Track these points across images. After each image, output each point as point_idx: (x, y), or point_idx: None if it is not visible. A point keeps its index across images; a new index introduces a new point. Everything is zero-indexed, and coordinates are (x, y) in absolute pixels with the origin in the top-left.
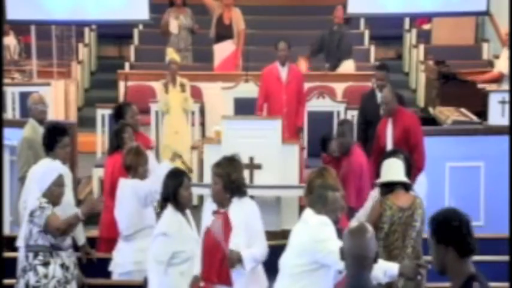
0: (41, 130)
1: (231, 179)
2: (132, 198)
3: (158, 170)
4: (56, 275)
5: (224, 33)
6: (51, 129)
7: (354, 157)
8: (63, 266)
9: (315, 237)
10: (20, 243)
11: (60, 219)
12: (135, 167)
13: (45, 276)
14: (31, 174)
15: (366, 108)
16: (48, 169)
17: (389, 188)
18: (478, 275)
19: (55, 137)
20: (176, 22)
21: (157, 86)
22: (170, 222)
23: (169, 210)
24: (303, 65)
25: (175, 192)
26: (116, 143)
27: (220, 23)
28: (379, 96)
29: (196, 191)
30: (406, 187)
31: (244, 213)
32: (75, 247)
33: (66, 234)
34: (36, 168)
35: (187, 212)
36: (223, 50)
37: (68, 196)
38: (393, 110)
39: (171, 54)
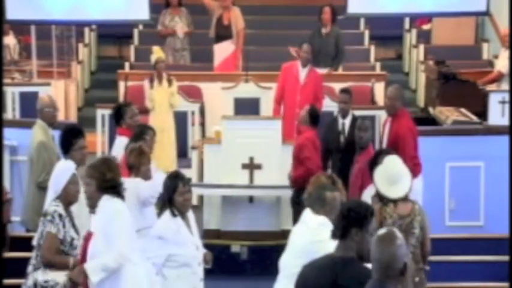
0: (50, 132)
1: (106, 179)
2: (133, 197)
3: (155, 178)
4: (58, 282)
5: (223, 33)
6: (66, 132)
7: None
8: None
9: (313, 238)
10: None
11: (54, 246)
12: (137, 167)
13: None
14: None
15: (327, 136)
16: (61, 169)
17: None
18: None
19: (70, 140)
20: (172, 21)
21: (145, 84)
22: (166, 226)
23: (167, 214)
24: None
25: (169, 197)
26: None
27: (220, 23)
28: (340, 123)
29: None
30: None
31: (104, 215)
32: None
33: (44, 264)
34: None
35: (190, 215)
36: (223, 50)
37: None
38: (394, 108)
39: (158, 53)
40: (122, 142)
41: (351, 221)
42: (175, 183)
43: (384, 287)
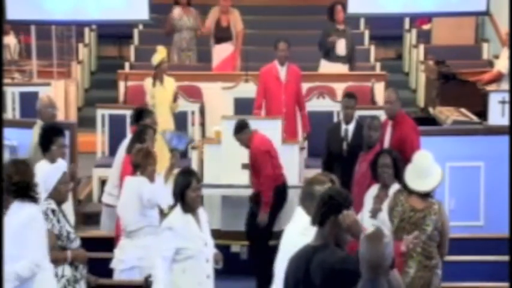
0: None
1: (13, 182)
2: (134, 195)
3: (156, 183)
4: (65, 274)
5: (223, 35)
6: (46, 130)
7: None
8: (72, 265)
9: (303, 240)
10: None
11: (51, 242)
12: (144, 166)
13: (55, 275)
14: None
15: (329, 142)
16: (52, 168)
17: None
18: None
19: (51, 138)
20: (180, 20)
21: (146, 81)
22: (176, 218)
23: (178, 209)
24: None
25: (182, 193)
26: (137, 144)
27: (219, 25)
28: (343, 129)
29: None
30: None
31: (17, 222)
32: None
33: None
34: (37, 171)
35: (200, 212)
36: (222, 51)
37: None
38: (395, 112)
39: (163, 53)
40: None
41: (330, 208)
42: (188, 180)
43: (375, 285)
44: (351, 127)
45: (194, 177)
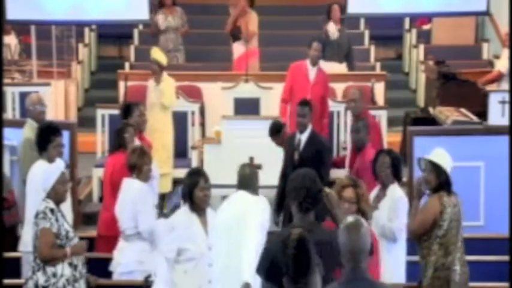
0: None
1: None
2: (137, 203)
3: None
4: (64, 274)
5: (235, 33)
6: (44, 129)
7: (368, 156)
8: (71, 265)
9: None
10: (24, 248)
11: (50, 240)
12: (139, 166)
13: (54, 275)
14: (31, 178)
15: (286, 152)
16: (50, 168)
17: (447, 185)
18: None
19: (48, 137)
20: (165, 21)
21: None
22: (180, 219)
23: (184, 209)
24: None
25: (190, 192)
26: (118, 143)
27: (234, 25)
28: (297, 138)
29: None
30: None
31: None
32: None
33: (43, 261)
34: (34, 170)
35: (208, 212)
36: (238, 50)
37: None
38: (359, 109)
39: (154, 53)
40: None
41: (319, 196)
42: (196, 179)
43: (356, 273)
44: (304, 137)
45: (202, 176)
